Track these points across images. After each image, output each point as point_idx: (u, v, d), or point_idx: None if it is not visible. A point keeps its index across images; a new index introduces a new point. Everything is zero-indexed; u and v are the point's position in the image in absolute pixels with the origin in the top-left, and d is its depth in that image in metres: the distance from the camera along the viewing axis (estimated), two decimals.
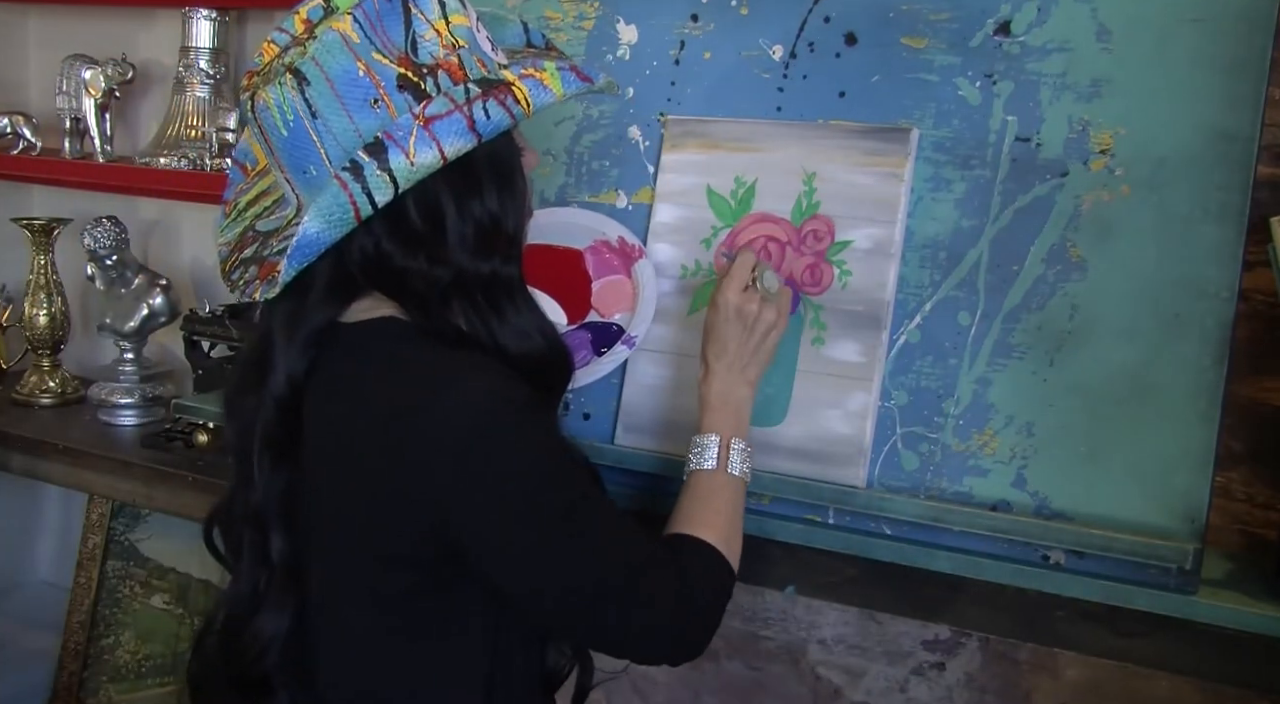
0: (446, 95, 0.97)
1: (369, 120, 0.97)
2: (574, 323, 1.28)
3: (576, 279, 1.30)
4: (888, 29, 1.38)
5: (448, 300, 1.03)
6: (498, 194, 1.03)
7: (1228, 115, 1.22)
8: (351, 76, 0.97)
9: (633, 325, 1.28)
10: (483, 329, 1.04)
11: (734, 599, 1.14)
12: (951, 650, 1.38)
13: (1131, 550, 1.18)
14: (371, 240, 1.02)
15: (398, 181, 0.95)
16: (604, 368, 1.29)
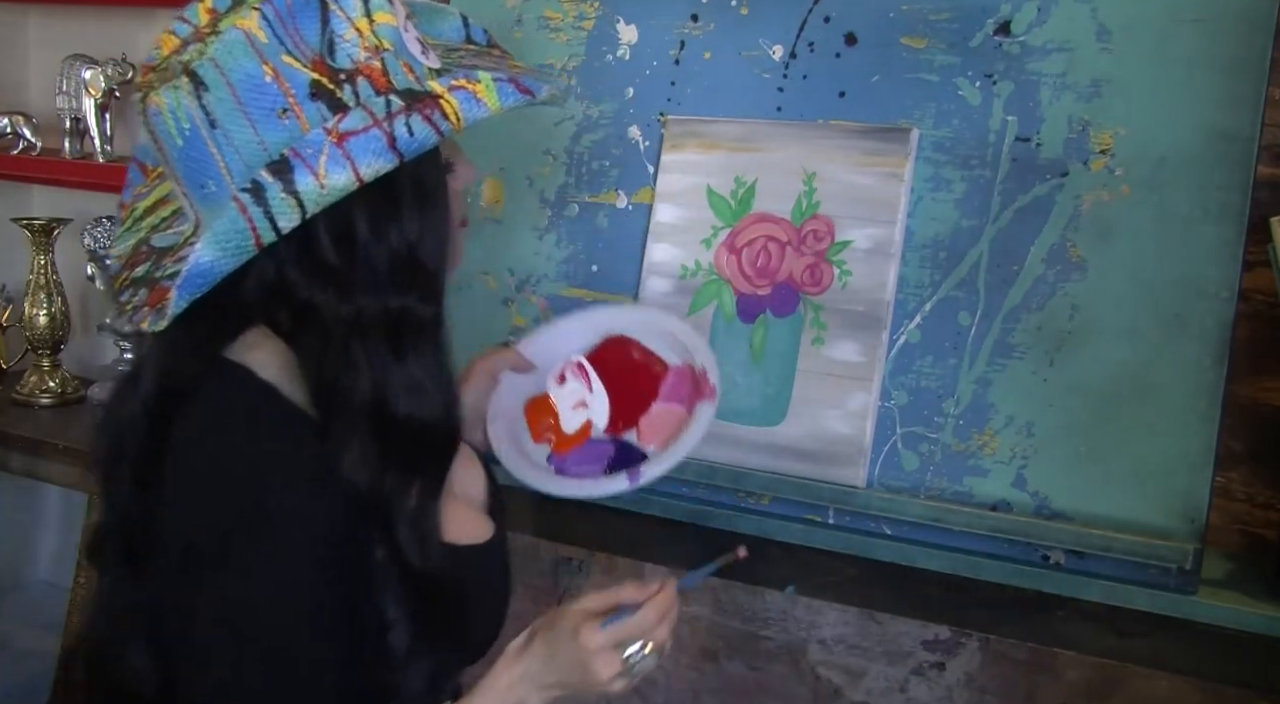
0: (365, 107, 0.84)
1: (276, 133, 0.84)
2: (610, 433, 1.16)
3: (644, 393, 1.16)
4: (888, 29, 1.38)
5: (347, 344, 0.87)
6: (419, 220, 0.88)
7: (1228, 115, 1.22)
8: (256, 82, 0.84)
9: (651, 463, 1.11)
10: (369, 378, 0.87)
11: (734, 599, 1.14)
12: (951, 650, 1.38)
13: (1131, 550, 1.18)
14: (272, 266, 0.88)
15: (305, 206, 0.83)
16: (590, 492, 1.13)
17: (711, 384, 1.10)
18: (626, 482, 1.09)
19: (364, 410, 0.87)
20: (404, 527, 0.89)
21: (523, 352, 1.23)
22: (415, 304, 0.90)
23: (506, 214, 1.58)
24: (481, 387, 1.21)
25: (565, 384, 1.19)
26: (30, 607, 2.40)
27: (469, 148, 1.48)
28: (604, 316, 1.23)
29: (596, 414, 1.15)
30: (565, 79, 1.56)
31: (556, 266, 1.53)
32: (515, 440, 1.17)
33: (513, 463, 1.14)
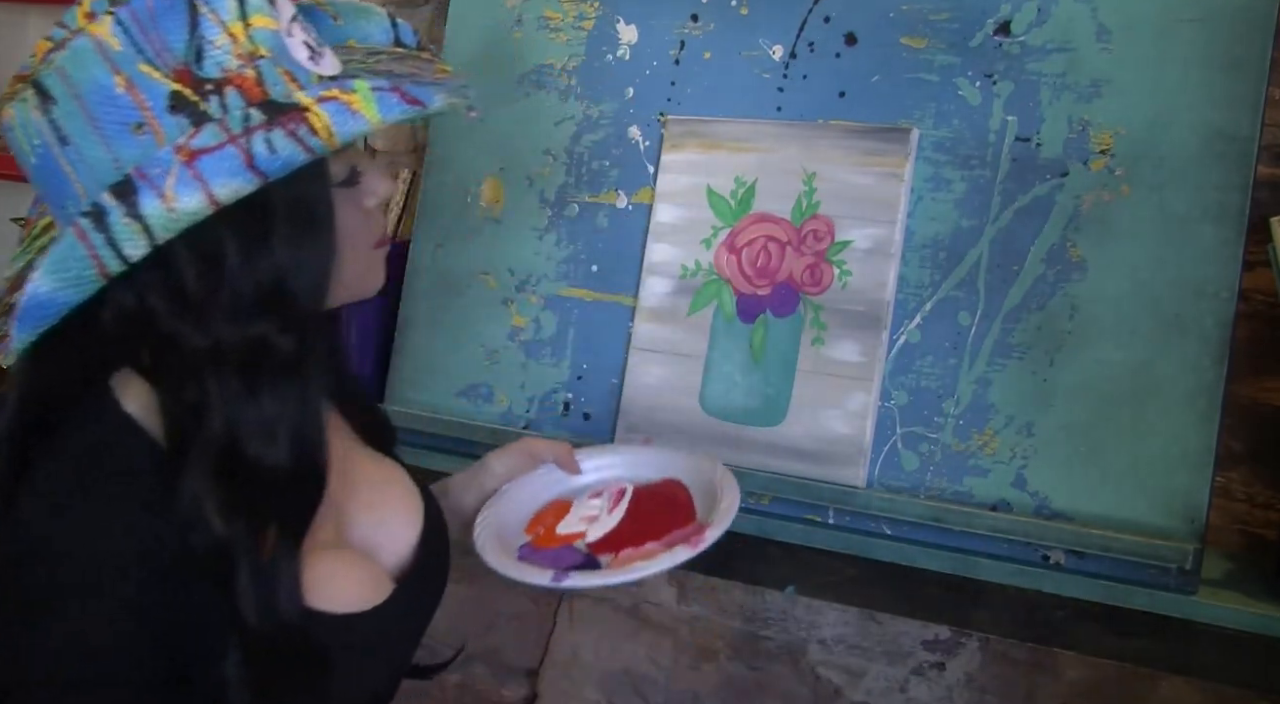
0: (220, 123, 0.75)
1: (131, 150, 0.76)
2: (590, 549, 1.11)
3: (652, 535, 1.10)
4: (888, 29, 1.38)
5: (201, 378, 0.79)
6: (290, 244, 0.79)
7: (1228, 115, 1.22)
8: (107, 93, 0.75)
9: (585, 576, 1.05)
10: (220, 415, 0.79)
11: (734, 599, 1.14)
12: (951, 650, 1.38)
13: (1131, 550, 1.18)
14: (133, 295, 0.79)
15: (153, 231, 0.74)
16: (513, 574, 1.07)
17: (705, 536, 1.04)
18: (549, 579, 1.04)
19: (213, 451, 0.79)
20: (246, 584, 0.80)
21: (579, 457, 1.20)
22: (276, 336, 0.80)
23: (506, 214, 1.58)
24: (516, 462, 1.18)
25: (593, 500, 1.17)
26: None
27: (469, 147, 1.50)
28: (669, 460, 1.20)
29: (593, 531, 1.12)
30: (565, 79, 1.56)
31: (556, 266, 1.53)
32: (502, 521, 1.14)
33: (480, 533, 1.11)
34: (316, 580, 0.85)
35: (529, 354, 1.53)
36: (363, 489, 0.98)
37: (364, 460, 1.02)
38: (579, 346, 1.50)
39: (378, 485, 1.01)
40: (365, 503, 0.97)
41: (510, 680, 1.69)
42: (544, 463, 1.19)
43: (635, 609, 1.59)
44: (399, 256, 1.65)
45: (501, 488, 1.17)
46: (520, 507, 1.17)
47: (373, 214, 0.91)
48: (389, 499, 1.01)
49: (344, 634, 0.86)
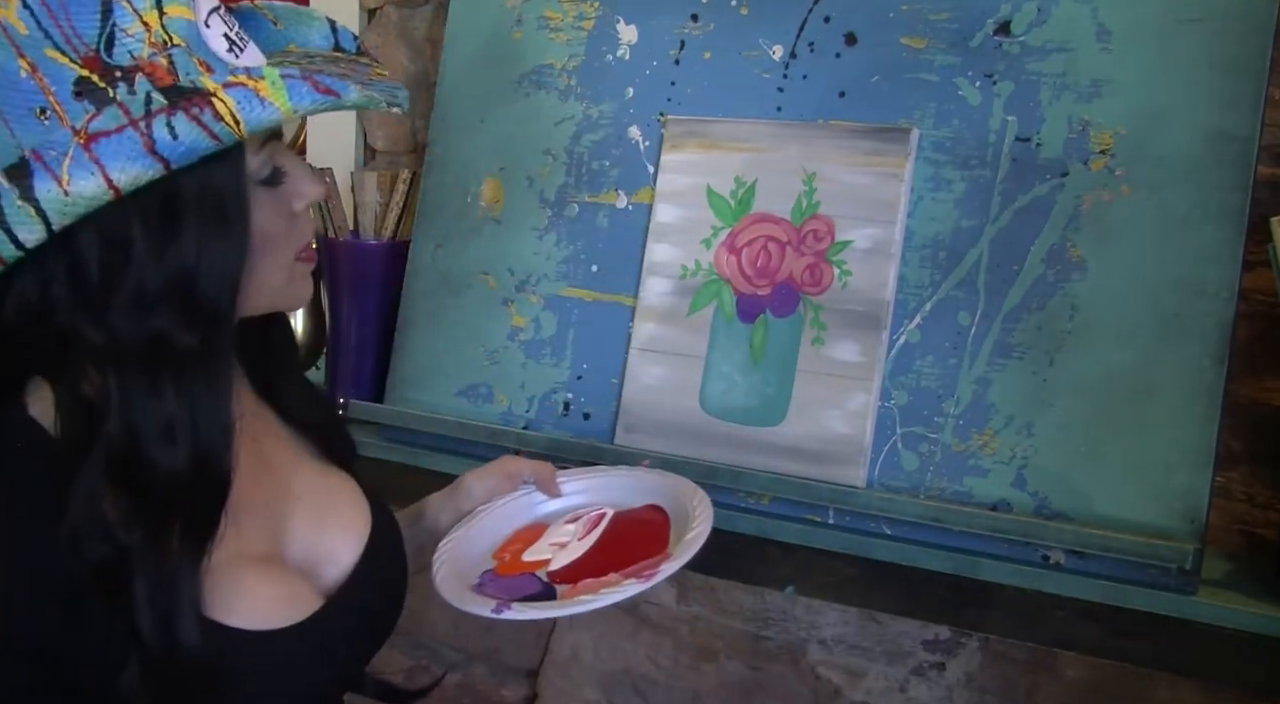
0: (120, 105, 0.73)
1: (34, 135, 0.74)
2: (550, 579, 1.06)
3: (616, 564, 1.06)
4: (888, 29, 1.38)
5: (98, 374, 0.77)
6: (199, 237, 0.76)
7: (1228, 115, 1.22)
8: (11, 78, 0.74)
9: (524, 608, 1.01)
10: (117, 414, 0.76)
11: (734, 599, 1.14)
12: (951, 650, 1.38)
13: (1131, 550, 1.18)
14: (37, 286, 0.77)
15: (48, 216, 0.72)
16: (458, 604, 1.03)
17: (658, 570, 1.00)
18: (490, 610, 1.00)
19: (110, 452, 0.76)
20: (143, 597, 0.77)
21: (563, 479, 1.18)
22: (177, 332, 0.77)
23: (506, 214, 1.58)
24: (494, 482, 1.15)
25: (567, 526, 1.13)
26: None
27: (469, 147, 1.50)
28: (652, 485, 1.17)
29: (558, 559, 1.08)
30: (565, 79, 1.56)
31: (556, 266, 1.53)
32: (467, 546, 1.11)
33: (439, 557, 1.08)
34: (227, 594, 0.82)
35: (529, 354, 1.53)
36: (306, 502, 0.95)
37: (312, 474, 0.99)
38: (579, 346, 1.50)
39: (322, 499, 0.97)
40: (306, 517, 0.95)
41: (510, 680, 1.69)
42: (524, 483, 1.16)
43: (635, 609, 1.59)
44: (399, 257, 1.65)
45: (475, 510, 1.14)
46: (492, 530, 1.13)
47: (299, 219, 0.87)
48: (333, 513, 0.97)
49: (251, 653, 0.83)
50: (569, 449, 1.43)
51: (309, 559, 0.93)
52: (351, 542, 0.96)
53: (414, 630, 1.68)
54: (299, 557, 0.92)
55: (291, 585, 0.89)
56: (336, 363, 1.70)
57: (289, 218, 0.86)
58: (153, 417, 0.77)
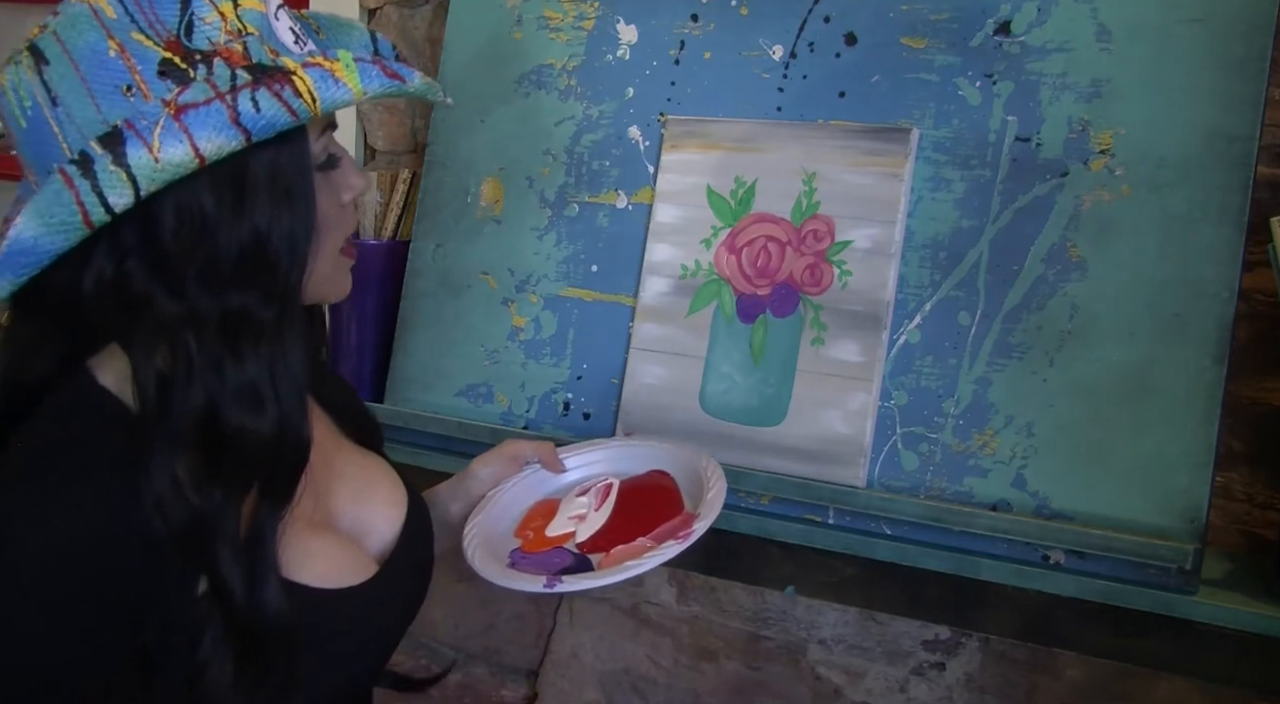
0: (208, 81, 0.78)
1: (120, 110, 0.78)
2: (580, 549, 1.09)
3: (640, 528, 1.08)
4: (888, 29, 1.38)
5: (178, 343, 0.80)
6: (271, 211, 0.80)
7: (1228, 115, 1.22)
8: (100, 57, 0.78)
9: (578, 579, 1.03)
10: (199, 382, 0.79)
11: (734, 599, 1.14)
12: (951, 650, 1.38)
13: (1131, 550, 1.18)
14: (113, 261, 0.80)
15: (138, 181, 0.76)
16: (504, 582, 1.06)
17: (693, 528, 1.04)
18: (541, 585, 1.03)
19: (190, 419, 0.79)
20: (229, 558, 0.80)
21: (563, 455, 1.21)
22: (256, 305, 0.81)
23: (506, 214, 1.58)
24: (499, 466, 1.18)
25: (580, 497, 1.17)
26: None
27: (469, 147, 1.50)
28: (652, 452, 1.21)
29: (582, 531, 1.11)
30: (565, 79, 1.56)
31: (556, 266, 1.53)
32: (490, 528, 1.13)
33: (470, 543, 1.11)
34: (298, 555, 0.85)
35: (529, 354, 1.53)
36: (348, 478, 1.00)
37: (351, 453, 1.04)
38: (579, 346, 1.50)
39: (363, 477, 1.02)
40: (350, 492, 0.99)
41: (510, 680, 1.69)
42: (528, 464, 1.19)
43: (635, 609, 1.59)
44: (399, 257, 1.65)
45: (487, 494, 1.17)
46: (507, 511, 1.16)
47: (346, 210, 0.91)
48: (373, 489, 1.02)
49: (323, 612, 0.87)
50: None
51: (354, 532, 0.97)
52: (392, 517, 1.01)
53: (414, 630, 1.68)
54: (345, 529, 0.97)
55: (353, 549, 0.94)
56: (337, 363, 1.70)
57: (339, 207, 0.89)
58: (235, 383, 0.80)
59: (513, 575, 1.06)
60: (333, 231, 0.89)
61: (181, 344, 0.79)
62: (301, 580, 0.86)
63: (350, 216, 0.92)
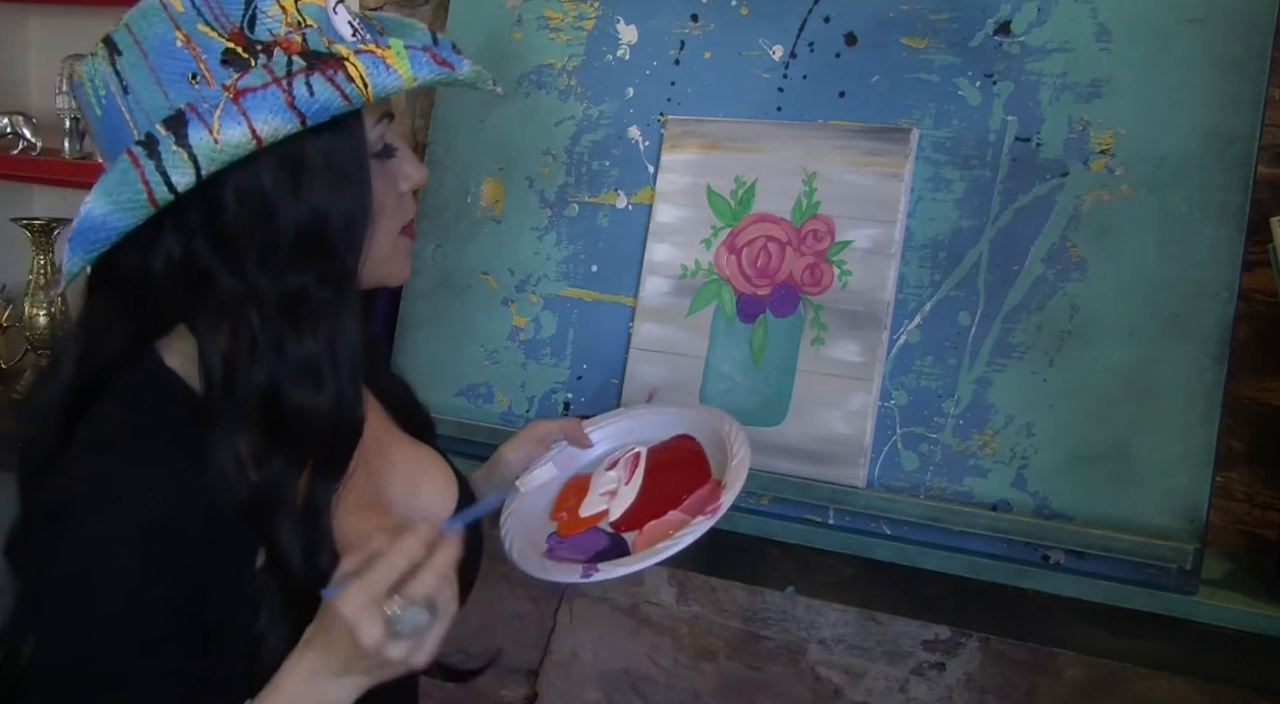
0: (266, 68, 0.82)
1: (185, 96, 0.82)
2: (614, 528, 1.08)
3: (671, 499, 1.07)
4: (888, 29, 1.38)
5: (239, 321, 0.84)
6: (329, 196, 0.84)
7: (1228, 115, 1.22)
8: (168, 47, 0.83)
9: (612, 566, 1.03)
10: (260, 359, 0.83)
11: (734, 599, 1.14)
12: (951, 650, 1.38)
13: (1131, 550, 1.18)
14: (180, 241, 0.85)
15: (199, 162, 0.80)
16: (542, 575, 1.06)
17: (719, 502, 1.03)
18: (579, 575, 1.04)
19: (253, 396, 0.84)
20: (289, 528, 0.84)
21: (588, 429, 1.20)
22: (313, 285, 0.85)
23: (506, 214, 1.58)
24: (527, 449, 1.19)
25: (609, 471, 1.16)
26: None
27: (469, 147, 1.50)
28: (676, 416, 1.20)
29: (615, 507, 1.11)
30: (565, 79, 1.56)
31: (556, 266, 1.53)
32: (525, 516, 1.14)
33: (507, 534, 1.11)
34: (351, 537, 0.89)
35: (529, 354, 1.53)
36: (401, 468, 1.03)
37: (404, 443, 1.07)
38: (579, 346, 1.50)
39: (416, 467, 1.05)
40: (402, 481, 1.02)
41: (510, 680, 1.69)
42: (554, 443, 1.20)
43: (635, 609, 1.59)
44: None
45: (518, 480, 1.17)
46: (540, 495, 1.16)
47: (404, 198, 0.94)
48: (426, 478, 1.05)
49: None
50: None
51: (406, 520, 0.98)
52: (443, 507, 1.04)
53: None
54: (397, 516, 0.99)
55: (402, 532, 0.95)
56: None
57: (396, 195, 0.93)
58: (295, 361, 0.84)
59: (550, 567, 1.06)
60: (389, 218, 0.92)
61: (245, 322, 0.84)
62: None
63: (408, 205, 0.95)
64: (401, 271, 0.97)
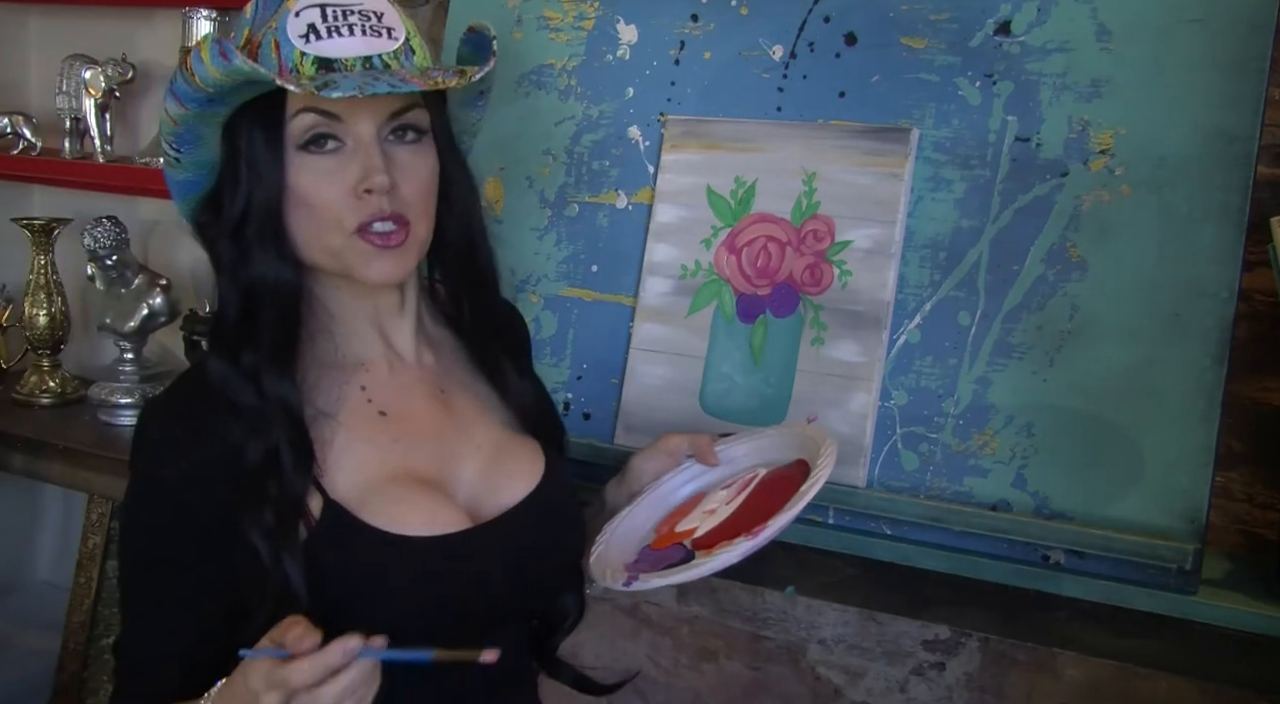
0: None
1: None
2: (695, 546, 1.07)
3: (755, 524, 1.05)
4: (888, 29, 1.38)
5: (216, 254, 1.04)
6: (249, 172, 1.00)
7: (1228, 115, 1.22)
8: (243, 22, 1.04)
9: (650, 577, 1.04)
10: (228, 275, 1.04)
11: (734, 599, 1.14)
12: (951, 650, 1.38)
13: (1131, 550, 1.18)
14: None
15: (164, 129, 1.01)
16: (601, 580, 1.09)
17: (766, 526, 1.02)
18: (621, 583, 1.06)
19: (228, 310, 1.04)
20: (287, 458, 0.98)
21: (721, 448, 1.19)
22: (230, 247, 1.02)
23: (506, 214, 1.58)
24: (658, 461, 1.20)
25: (721, 492, 1.15)
26: (30, 607, 2.40)
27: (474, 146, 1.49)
28: (799, 440, 1.17)
29: (705, 525, 1.10)
30: (565, 79, 1.56)
31: (556, 266, 1.53)
32: (628, 527, 1.15)
33: (599, 541, 1.13)
34: (383, 502, 0.99)
35: None
36: (485, 451, 1.10)
37: (497, 431, 1.13)
38: (579, 346, 1.50)
39: (499, 451, 1.11)
40: (480, 462, 1.09)
41: None
42: (685, 458, 1.20)
43: (635, 609, 1.59)
44: None
45: (641, 490, 1.18)
46: (653, 508, 1.17)
47: (357, 198, 1.00)
48: (506, 463, 1.10)
49: (393, 553, 0.97)
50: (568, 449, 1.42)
51: (476, 497, 1.07)
52: (517, 488, 1.09)
53: None
54: (466, 493, 1.07)
55: (441, 504, 1.03)
56: None
57: (341, 192, 0.99)
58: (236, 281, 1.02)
59: (609, 573, 1.07)
60: (329, 211, 1.00)
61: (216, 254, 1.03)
62: (376, 523, 0.98)
63: (365, 205, 0.99)
64: (368, 272, 1.02)
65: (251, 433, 0.97)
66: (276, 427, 0.98)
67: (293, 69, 0.97)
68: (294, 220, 1.00)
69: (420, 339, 1.11)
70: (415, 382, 1.09)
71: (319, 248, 1.01)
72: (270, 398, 0.99)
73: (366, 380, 1.06)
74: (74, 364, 2.33)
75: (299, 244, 1.01)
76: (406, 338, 1.09)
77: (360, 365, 1.07)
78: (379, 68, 0.99)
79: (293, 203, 1.00)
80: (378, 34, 0.99)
